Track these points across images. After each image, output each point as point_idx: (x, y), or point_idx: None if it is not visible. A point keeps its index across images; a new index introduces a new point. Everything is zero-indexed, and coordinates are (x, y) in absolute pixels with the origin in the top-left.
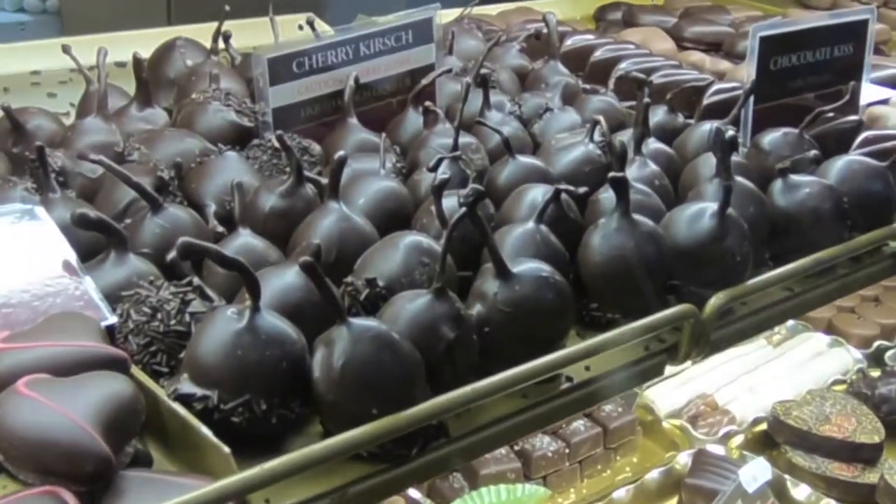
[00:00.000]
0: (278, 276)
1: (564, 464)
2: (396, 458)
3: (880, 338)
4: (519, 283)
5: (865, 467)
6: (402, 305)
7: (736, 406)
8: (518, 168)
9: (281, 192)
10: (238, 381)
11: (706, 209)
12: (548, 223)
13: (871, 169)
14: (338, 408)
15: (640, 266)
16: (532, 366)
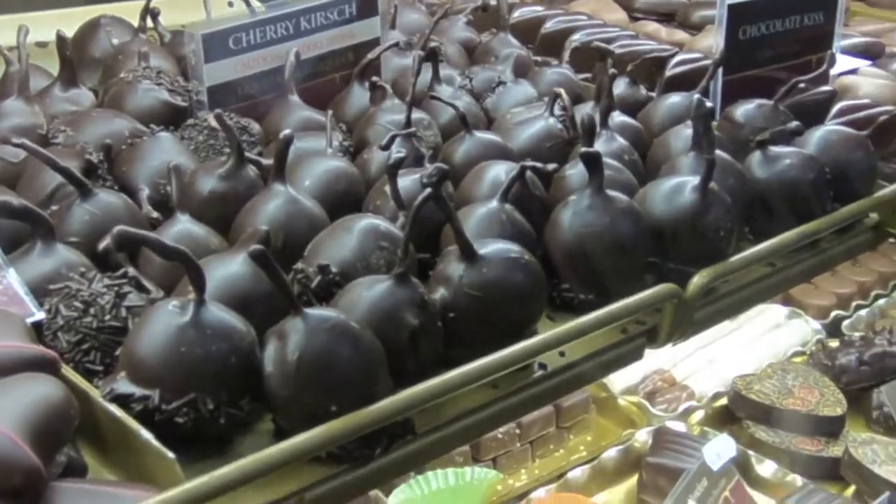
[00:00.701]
0: (223, 266)
1: (515, 445)
2: (358, 459)
3: (837, 308)
4: (486, 265)
5: (829, 441)
6: (360, 293)
7: (694, 381)
8: (476, 144)
9: (221, 175)
10: (182, 378)
11: (686, 183)
12: (512, 202)
13: (852, 138)
14: (293, 405)
15: (616, 244)
16: (504, 354)
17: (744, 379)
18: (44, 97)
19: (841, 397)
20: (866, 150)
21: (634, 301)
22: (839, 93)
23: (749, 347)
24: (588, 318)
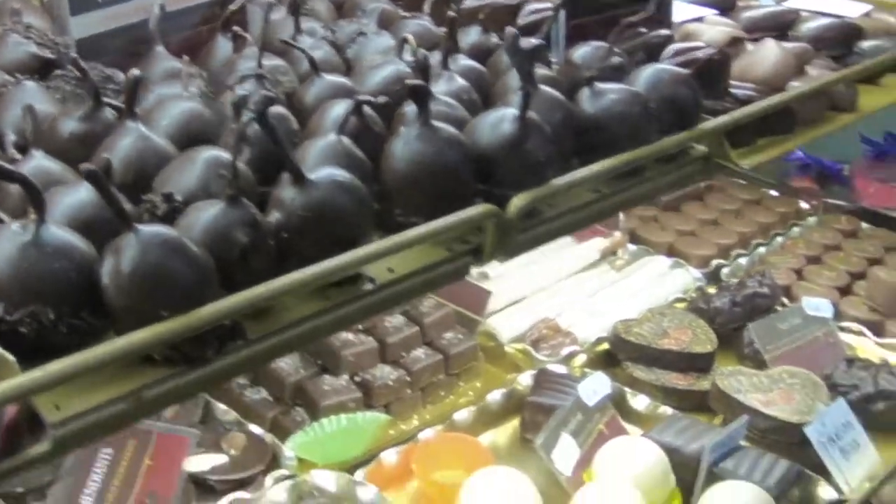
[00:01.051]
0: (67, 193)
1: (406, 391)
2: (192, 361)
3: (718, 257)
4: (315, 188)
5: (699, 375)
6: (196, 214)
7: (578, 328)
8: (324, 86)
9: (79, 117)
10: (24, 291)
11: (507, 114)
12: (352, 136)
13: (676, 75)
14: (128, 313)
15: (442, 171)
16: (328, 264)
17: (625, 323)
18: None
19: (712, 336)
20: (690, 86)
21: (454, 219)
22: (682, 38)
23: (633, 296)
24: (410, 233)
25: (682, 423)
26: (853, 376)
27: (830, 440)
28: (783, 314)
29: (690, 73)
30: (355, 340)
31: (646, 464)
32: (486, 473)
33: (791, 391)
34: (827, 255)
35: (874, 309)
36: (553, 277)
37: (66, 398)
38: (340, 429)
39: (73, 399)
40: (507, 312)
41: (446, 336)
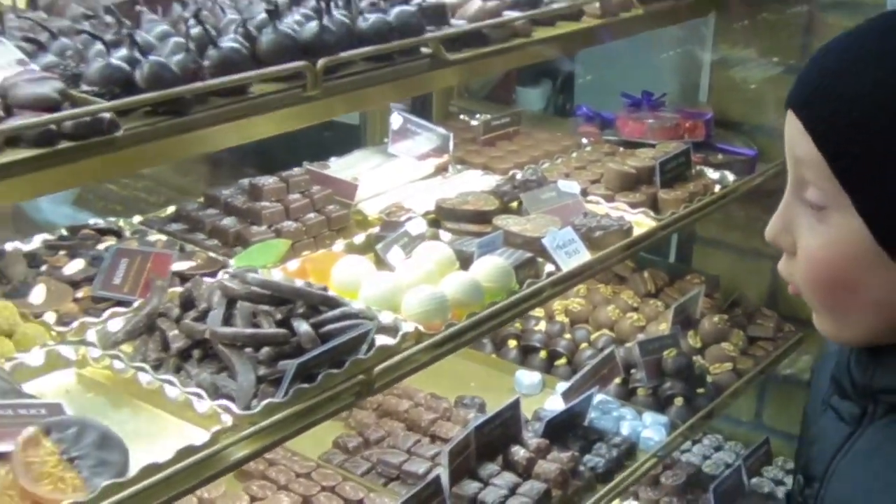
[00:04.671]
0: None
1: (303, 238)
2: None
3: (514, 169)
4: None
5: (487, 224)
6: None
7: (416, 207)
8: None
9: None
10: None
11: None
12: None
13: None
14: None
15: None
16: None
17: (443, 199)
18: None
19: (496, 202)
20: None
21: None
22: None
23: (454, 190)
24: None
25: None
26: (585, 221)
27: (559, 247)
28: (544, 190)
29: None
30: (272, 207)
31: (442, 254)
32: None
33: (539, 225)
34: (588, 165)
35: (608, 186)
36: (400, 182)
37: None
38: (260, 248)
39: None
40: (369, 201)
41: (329, 207)
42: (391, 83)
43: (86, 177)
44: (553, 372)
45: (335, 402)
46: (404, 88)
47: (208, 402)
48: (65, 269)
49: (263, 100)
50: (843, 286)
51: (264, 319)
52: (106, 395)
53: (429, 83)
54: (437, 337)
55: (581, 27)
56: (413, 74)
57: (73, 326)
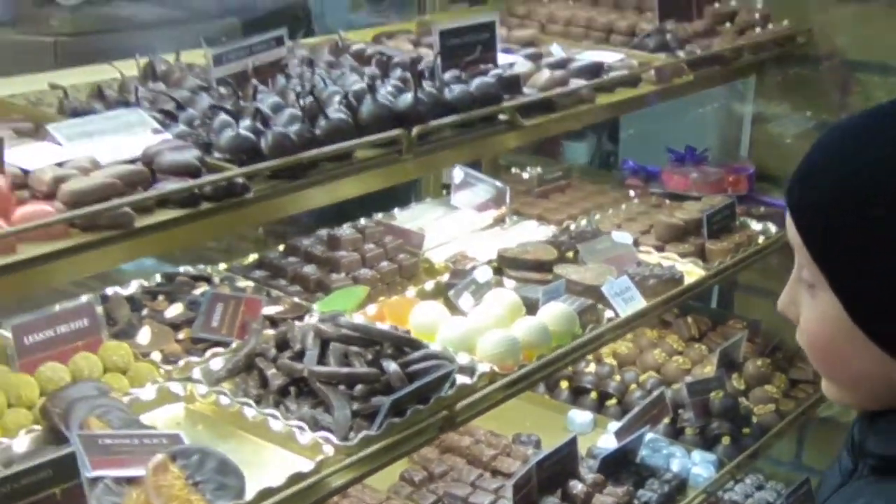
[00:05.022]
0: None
1: (378, 284)
2: None
3: (568, 220)
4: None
5: (547, 272)
6: None
7: (479, 255)
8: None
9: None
10: None
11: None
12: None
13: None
14: None
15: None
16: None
17: (505, 248)
18: None
19: (554, 252)
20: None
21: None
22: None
23: (513, 240)
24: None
25: (530, 286)
26: (639, 270)
27: (617, 294)
28: (599, 240)
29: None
30: (350, 256)
31: (510, 300)
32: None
33: (597, 274)
34: (638, 217)
35: (658, 237)
36: (462, 232)
37: None
38: (341, 294)
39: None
40: (435, 250)
41: (400, 256)
42: (470, 146)
43: (221, 231)
44: (604, 412)
45: (422, 436)
46: (483, 150)
47: (310, 433)
48: (166, 312)
49: (365, 163)
50: (832, 357)
51: (356, 359)
52: (213, 428)
53: (504, 145)
54: (510, 377)
55: (639, 93)
56: (491, 137)
57: (179, 365)
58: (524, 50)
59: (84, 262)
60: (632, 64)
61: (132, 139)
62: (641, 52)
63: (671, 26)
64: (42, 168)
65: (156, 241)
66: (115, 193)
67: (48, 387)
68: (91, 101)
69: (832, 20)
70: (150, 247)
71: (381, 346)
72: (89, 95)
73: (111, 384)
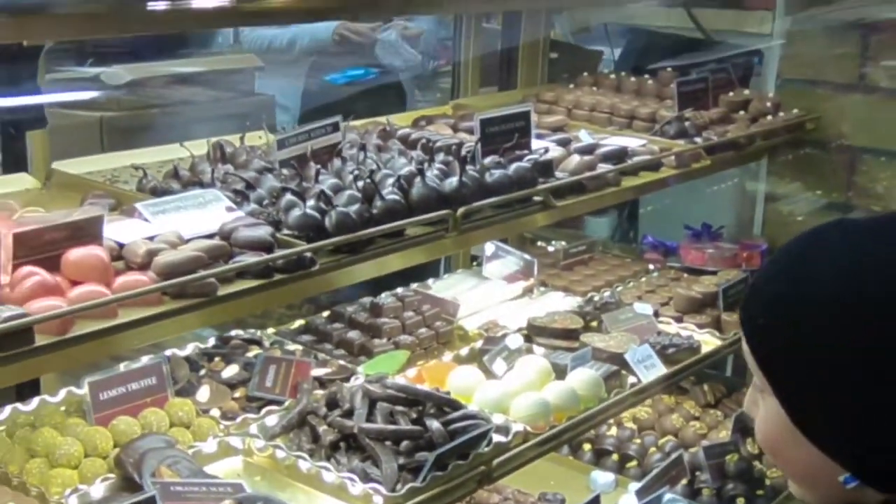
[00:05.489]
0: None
1: (417, 349)
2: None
3: (592, 292)
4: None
5: (574, 340)
6: None
7: (510, 324)
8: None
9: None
10: None
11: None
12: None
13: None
14: None
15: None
16: None
17: (534, 318)
18: None
19: (580, 321)
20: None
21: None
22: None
23: (540, 311)
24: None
25: (559, 353)
26: (660, 339)
27: (639, 361)
28: (622, 311)
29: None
30: (391, 323)
31: (540, 365)
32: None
33: (621, 342)
34: (657, 289)
35: (677, 309)
36: (493, 302)
37: None
38: (384, 358)
39: None
40: (468, 318)
41: (437, 323)
42: (509, 223)
43: (291, 298)
44: (624, 473)
45: (461, 489)
46: (518, 227)
47: (361, 485)
48: (223, 372)
49: (415, 240)
50: (781, 456)
51: (401, 418)
52: (270, 479)
53: (537, 223)
54: (542, 436)
55: (659, 176)
56: (526, 216)
57: (237, 421)
58: (554, 135)
59: (173, 326)
60: (653, 149)
61: (209, 216)
62: (662, 138)
63: (689, 114)
64: (136, 242)
65: (235, 308)
66: (201, 265)
67: (121, 439)
68: (168, 181)
69: (839, 108)
70: (231, 312)
71: (424, 406)
72: (165, 175)
73: (177, 437)
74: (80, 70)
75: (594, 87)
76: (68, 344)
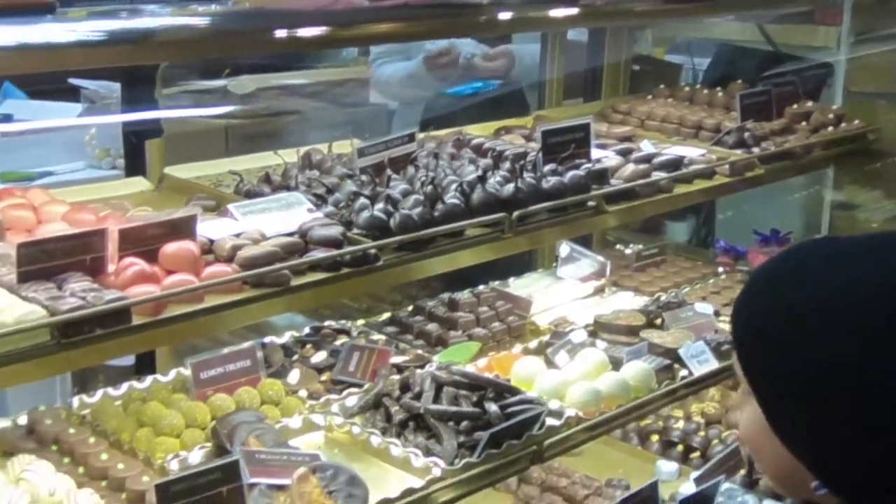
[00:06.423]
0: None
1: (490, 342)
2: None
3: (660, 293)
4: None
5: (635, 336)
6: None
7: (578, 320)
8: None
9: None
10: None
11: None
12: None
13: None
14: None
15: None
16: None
17: (601, 315)
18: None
19: (642, 318)
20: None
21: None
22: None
23: (609, 309)
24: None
25: (618, 347)
26: (716, 336)
27: (692, 356)
28: (683, 310)
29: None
30: (466, 317)
31: (598, 358)
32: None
33: (677, 339)
34: (722, 290)
35: None
36: (566, 300)
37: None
38: (457, 348)
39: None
40: (541, 314)
41: (509, 318)
42: (563, 227)
43: (356, 291)
44: (689, 463)
45: (514, 466)
46: (573, 231)
47: (423, 458)
48: (312, 358)
49: (474, 240)
50: (758, 457)
51: (463, 401)
52: (346, 452)
53: (592, 227)
54: (592, 421)
55: (712, 184)
56: (581, 220)
57: (320, 401)
58: (618, 146)
59: (252, 312)
60: (711, 158)
61: (291, 216)
62: (721, 147)
63: (751, 125)
64: (223, 238)
65: (306, 298)
66: (277, 259)
67: (217, 413)
68: (260, 185)
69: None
70: (302, 302)
71: (486, 391)
72: (259, 180)
73: (266, 413)
74: (204, 82)
75: (669, 98)
76: (160, 324)
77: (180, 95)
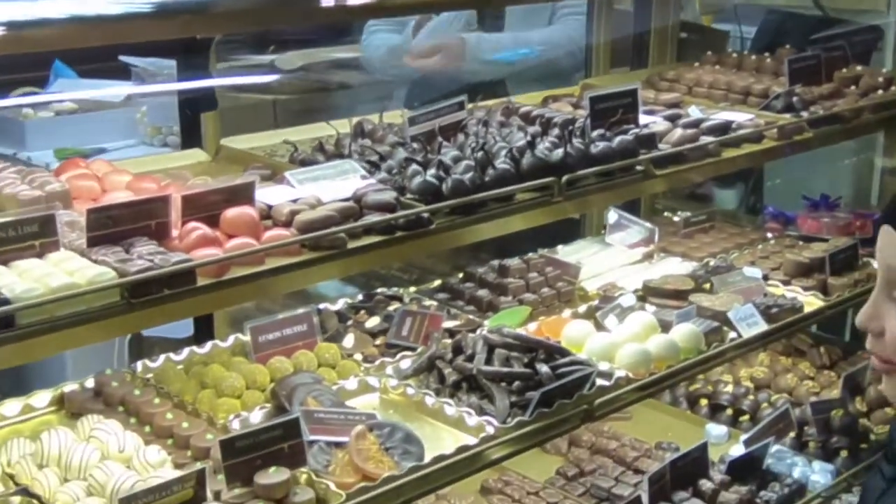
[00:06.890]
0: None
1: (539, 305)
2: None
3: (708, 258)
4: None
5: (685, 301)
6: None
7: (627, 285)
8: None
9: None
10: None
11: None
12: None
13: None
14: None
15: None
16: None
17: (649, 280)
18: None
19: (691, 283)
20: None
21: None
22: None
23: (658, 274)
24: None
25: (667, 311)
26: (764, 300)
27: (741, 319)
28: (732, 274)
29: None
30: (516, 282)
31: (647, 320)
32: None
33: (726, 302)
34: (771, 255)
35: (786, 273)
36: (614, 266)
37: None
38: (508, 313)
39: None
40: (590, 280)
41: (559, 284)
42: (612, 191)
43: (410, 254)
44: (738, 426)
45: (565, 424)
46: (621, 195)
47: (476, 417)
48: (366, 323)
49: (524, 204)
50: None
51: (515, 362)
52: (401, 412)
53: (640, 191)
54: (641, 382)
55: (760, 148)
56: (629, 185)
57: (375, 364)
58: (666, 111)
59: (310, 274)
60: (759, 123)
61: (346, 183)
62: (769, 112)
63: (799, 89)
64: (282, 203)
65: (362, 260)
66: (333, 223)
67: (276, 375)
68: (314, 154)
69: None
70: (358, 264)
71: (536, 353)
72: (313, 149)
73: (324, 376)
74: (253, 57)
75: (716, 65)
76: (223, 286)
77: (231, 70)
